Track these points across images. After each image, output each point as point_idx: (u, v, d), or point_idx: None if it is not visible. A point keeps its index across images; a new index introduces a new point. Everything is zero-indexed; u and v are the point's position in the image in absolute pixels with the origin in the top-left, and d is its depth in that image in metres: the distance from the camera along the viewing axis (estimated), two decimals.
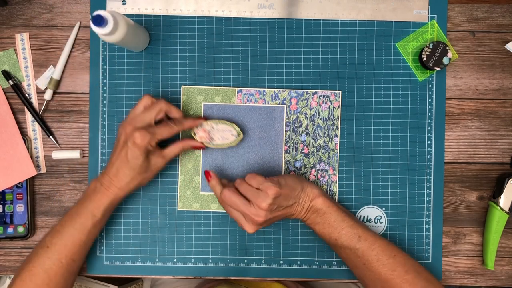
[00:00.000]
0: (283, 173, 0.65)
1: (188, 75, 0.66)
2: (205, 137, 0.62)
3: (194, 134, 0.62)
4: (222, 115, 0.65)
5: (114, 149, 0.58)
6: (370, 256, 0.56)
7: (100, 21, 0.50)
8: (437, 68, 0.63)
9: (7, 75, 0.65)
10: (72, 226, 0.56)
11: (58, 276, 0.55)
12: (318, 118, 0.65)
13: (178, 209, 0.65)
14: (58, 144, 0.66)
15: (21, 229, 0.64)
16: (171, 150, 0.59)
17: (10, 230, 0.64)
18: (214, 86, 0.66)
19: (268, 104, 0.65)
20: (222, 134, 0.63)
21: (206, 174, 0.60)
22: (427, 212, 0.65)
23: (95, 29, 0.51)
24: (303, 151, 0.65)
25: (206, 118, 0.63)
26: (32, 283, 0.55)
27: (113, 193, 0.56)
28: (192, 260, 0.65)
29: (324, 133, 0.65)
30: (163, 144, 0.59)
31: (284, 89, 0.65)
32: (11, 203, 0.65)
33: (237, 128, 0.63)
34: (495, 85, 0.66)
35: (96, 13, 0.50)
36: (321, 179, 0.65)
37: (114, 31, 0.52)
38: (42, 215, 0.66)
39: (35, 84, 0.66)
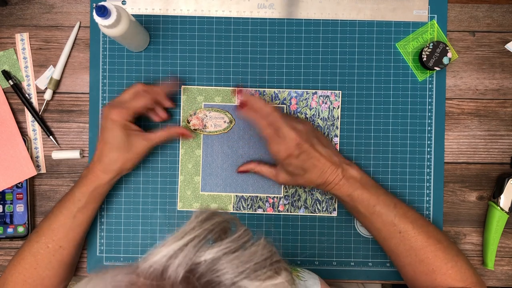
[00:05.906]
0: None
1: (188, 75, 0.66)
2: (198, 124, 0.64)
3: (188, 122, 0.64)
4: None
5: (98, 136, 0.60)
6: (406, 223, 0.56)
7: (103, 11, 0.50)
8: (437, 68, 0.63)
9: (7, 75, 0.65)
10: (60, 211, 0.58)
11: (45, 261, 0.57)
12: (318, 118, 0.65)
13: (178, 209, 0.65)
14: (58, 144, 0.66)
15: (21, 229, 0.64)
16: (157, 135, 0.59)
17: (10, 230, 0.64)
18: (214, 86, 0.66)
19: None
20: (215, 122, 0.64)
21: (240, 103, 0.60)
22: (427, 212, 0.65)
23: (98, 19, 0.51)
24: None
25: (178, 81, 0.64)
26: (21, 266, 0.57)
27: (97, 178, 0.57)
28: None
29: (324, 133, 0.65)
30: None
31: (284, 89, 0.65)
32: (11, 203, 0.65)
33: (230, 115, 0.64)
34: (495, 85, 0.66)
35: (100, 3, 0.50)
36: None
37: (116, 24, 0.52)
38: (42, 215, 0.66)
39: (35, 84, 0.66)
